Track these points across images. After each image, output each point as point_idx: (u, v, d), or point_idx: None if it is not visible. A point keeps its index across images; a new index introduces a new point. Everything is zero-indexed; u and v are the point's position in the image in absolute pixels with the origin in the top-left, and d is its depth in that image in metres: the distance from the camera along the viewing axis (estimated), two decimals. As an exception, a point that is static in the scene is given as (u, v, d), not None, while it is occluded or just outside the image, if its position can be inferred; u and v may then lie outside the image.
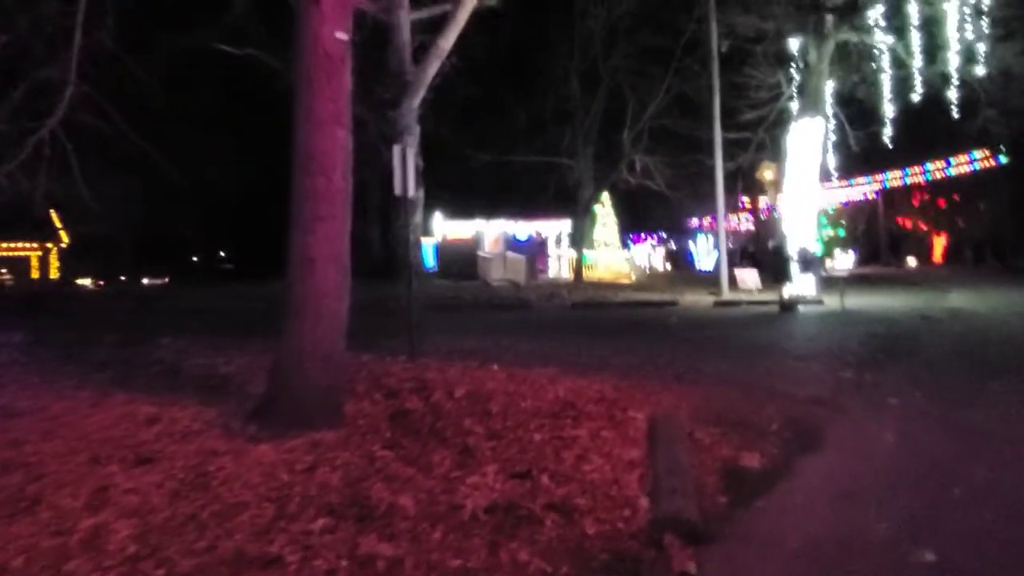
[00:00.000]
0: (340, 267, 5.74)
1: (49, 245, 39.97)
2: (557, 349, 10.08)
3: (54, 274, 39.04)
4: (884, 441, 5.04)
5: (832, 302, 16.24)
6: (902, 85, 17.98)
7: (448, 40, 23.66)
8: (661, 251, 67.07)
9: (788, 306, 14.73)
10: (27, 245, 41.36)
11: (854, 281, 17.70)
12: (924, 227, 55.11)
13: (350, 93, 5.84)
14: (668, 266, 60.71)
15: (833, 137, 19.77)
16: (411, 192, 8.76)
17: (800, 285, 15.52)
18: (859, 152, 19.57)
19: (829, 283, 17.46)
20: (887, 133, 18.38)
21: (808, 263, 15.28)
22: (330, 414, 5.55)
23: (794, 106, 18.22)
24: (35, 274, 41.82)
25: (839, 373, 7.63)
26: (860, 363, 8.26)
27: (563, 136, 28.96)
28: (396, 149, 8.56)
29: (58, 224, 39.05)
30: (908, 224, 55.85)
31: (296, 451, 4.84)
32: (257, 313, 15.41)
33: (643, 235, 67.33)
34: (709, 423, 5.71)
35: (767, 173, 33.53)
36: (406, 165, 8.67)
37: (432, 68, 24.02)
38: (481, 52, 25.59)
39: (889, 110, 18.05)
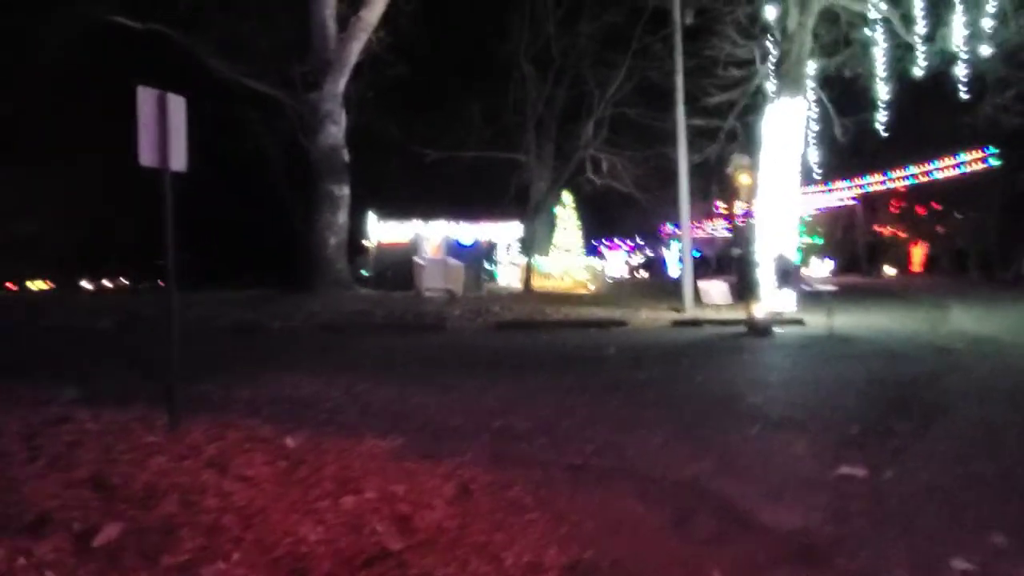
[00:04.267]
0: None
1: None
2: (433, 397, 7.02)
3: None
4: None
5: (815, 322, 13.30)
6: (898, 63, 15.14)
7: (373, 12, 20.50)
8: (636, 258, 64.38)
9: (761, 329, 11.75)
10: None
11: (838, 295, 14.78)
12: (902, 235, 53.00)
13: None
14: (643, 273, 57.97)
15: (815, 128, 16.87)
16: (177, 165, 5.59)
17: (776, 301, 12.56)
18: (846, 144, 16.68)
19: (809, 298, 14.56)
20: (880, 119, 15.49)
21: (787, 275, 12.34)
22: None
23: (770, 87, 15.29)
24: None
25: (839, 465, 4.59)
26: (869, 438, 5.25)
27: (516, 130, 25.97)
28: (143, 93, 5.40)
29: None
30: (885, 232, 53.75)
31: None
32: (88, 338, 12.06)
33: (617, 241, 64.69)
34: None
35: (743, 177, 30.83)
36: (167, 120, 5.51)
37: (356, 44, 20.84)
38: (417, 28, 22.56)
39: (882, 91, 15.18)
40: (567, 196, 31.89)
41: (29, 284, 49.47)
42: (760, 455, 4.93)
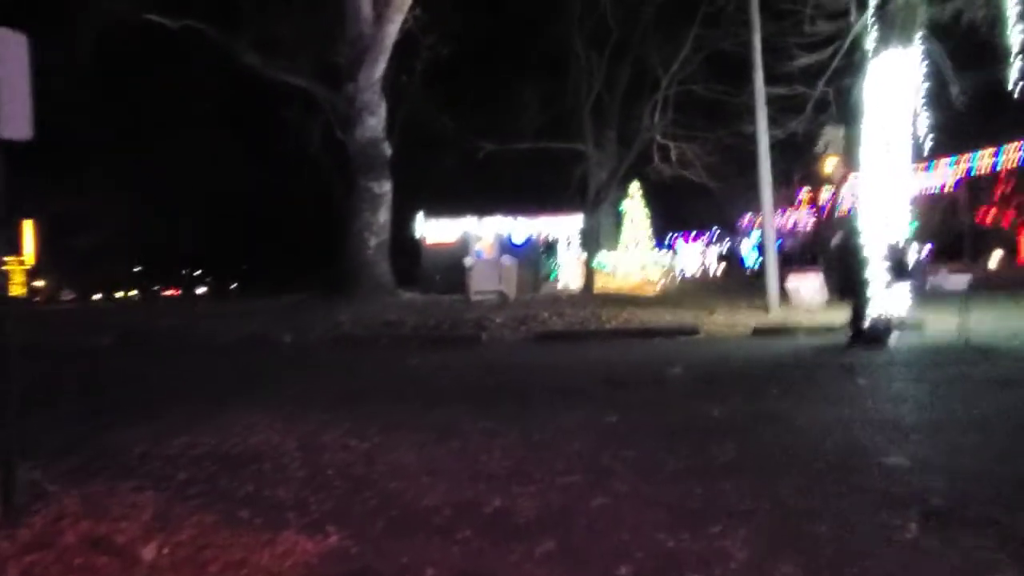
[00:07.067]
0: None
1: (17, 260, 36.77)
2: (419, 451, 5.09)
3: (19, 290, 35.64)
4: None
5: (938, 325, 10.67)
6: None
7: (408, -14, 18.71)
8: (713, 252, 60.75)
9: (872, 337, 9.25)
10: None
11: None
12: (1007, 220, 47.77)
13: None
14: (721, 269, 54.64)
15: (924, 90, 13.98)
16: (15, 131, 3.83)
17: (888, 301, 10.00)
18: (962, 109, 13.75)
19: (923, 295, 11.85)
20: (1013, 76, 12.54)
21: (903, 268, 9.76)
22: None
23: (870, 42, 12.60)
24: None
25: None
26: None
27: (574, 117, 23.83)
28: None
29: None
30: (988, 218, 48.62)
31: None
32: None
33: (694, 235, 61.27)
34: None
35: (831, 159, 27.60)
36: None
37: (391, 27, 18.94)
38: (456, 8, 20.74)
39: (1015, 41, 12.26)
40: (635, 187, 29.51)
41: (122, 294, 50.63)
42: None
